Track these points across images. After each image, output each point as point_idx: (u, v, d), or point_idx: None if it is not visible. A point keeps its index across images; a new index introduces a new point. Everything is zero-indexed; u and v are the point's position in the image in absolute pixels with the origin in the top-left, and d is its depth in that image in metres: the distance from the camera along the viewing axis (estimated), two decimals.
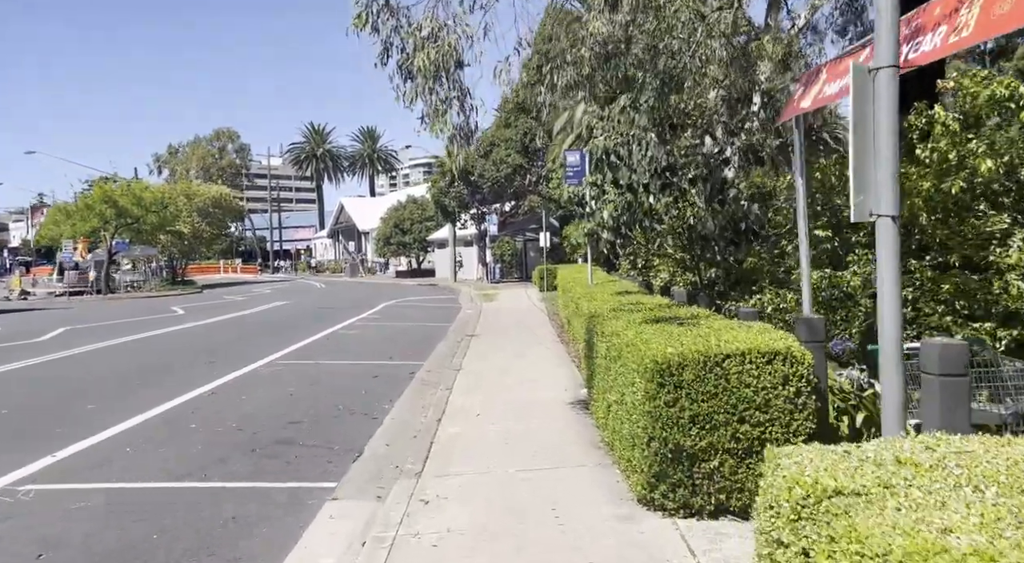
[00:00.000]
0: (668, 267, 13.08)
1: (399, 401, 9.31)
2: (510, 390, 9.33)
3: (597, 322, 7.04)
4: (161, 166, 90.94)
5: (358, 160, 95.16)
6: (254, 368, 11.97)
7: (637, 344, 4.99)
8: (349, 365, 12.36)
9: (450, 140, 6.51)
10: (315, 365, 12.37)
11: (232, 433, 7.71)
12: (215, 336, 17.13)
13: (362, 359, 12.99)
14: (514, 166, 36.80)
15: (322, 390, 10.11)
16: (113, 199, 41.10)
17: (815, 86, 4.43)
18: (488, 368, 11.18)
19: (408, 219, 52.76)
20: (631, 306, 8.02)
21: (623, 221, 10.28)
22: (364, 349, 14.35)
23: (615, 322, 6.38)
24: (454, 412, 8.20)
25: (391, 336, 16.42)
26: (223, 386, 10.44)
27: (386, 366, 12.17)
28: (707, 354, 4.46)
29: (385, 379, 10.96)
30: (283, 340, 15.60)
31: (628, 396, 5.03)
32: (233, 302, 29.89)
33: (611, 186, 10.05)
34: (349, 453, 6.93)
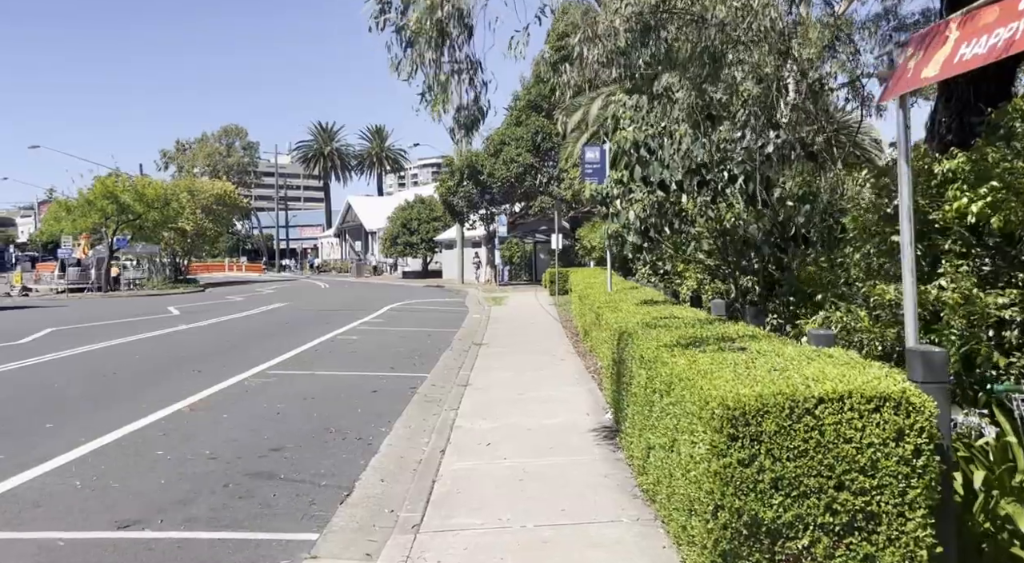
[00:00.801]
0: (695, 274, 12.00)
1: (398, 423, 8.26)
2: (523, 412, 8.27)
3: (630, 341, 5.98)
4: (168, 163, 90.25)
5: (366, 159, 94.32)
6: (243, 379, 10.95)
7: (694, 378, 3.93)
8: (346, 376, 11.33)
9: (455, 122, 5.46)
10: (310, 376, 11.34)
11: (203, 462, 6.67)
12: (207, 341, 16.14)
13: (361, 369, 11.96)
14: (525, 165, 35.77)
15: (314, 407, 9.08)
16: (114, 194, 40.29)
17: (940, 49, 3.37)
18: (498, 384, 10.13)
19: (415, 219, 51.79)
20: (665, 320, 6.96)
21: (651, 223, 9.23)
22: (364, 358, 13.32)
23: (652, 342, 5.32)
24: (460, 440, 7.15)
25: (393, 343, 15.40)
26: (205, 401, 9.41)
27: (386, 379, 11.14)
28: (793, 397, 3.39)
29: (385, 394, 9.92)
30: (279, 346, 14.59)
31: (683, 445, 3.97)
32: (233, 303, 28.95)
33: (639, 184, 9.00)
34: (337, 491, 5.89)
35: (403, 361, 12.92)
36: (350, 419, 8.45)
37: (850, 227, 6.49)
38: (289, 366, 12.28)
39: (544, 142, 36.36)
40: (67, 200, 41.86)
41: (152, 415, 8.48)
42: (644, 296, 11.07)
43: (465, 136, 5.64)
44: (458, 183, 36.48)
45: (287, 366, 12.28)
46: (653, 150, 8.59)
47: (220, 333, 17.64)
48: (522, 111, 38.29)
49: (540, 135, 36.32)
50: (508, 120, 39.67)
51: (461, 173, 36.11)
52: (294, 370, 11.87)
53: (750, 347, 4.73)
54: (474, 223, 39.20)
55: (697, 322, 6.75)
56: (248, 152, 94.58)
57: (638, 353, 5.37)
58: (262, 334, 17.26)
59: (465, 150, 37.81)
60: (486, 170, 35.87)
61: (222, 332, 17.88)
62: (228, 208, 48.70)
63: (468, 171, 36.07)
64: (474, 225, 39.39)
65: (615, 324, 7.60)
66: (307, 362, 12.75)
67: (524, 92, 38.93)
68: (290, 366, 12.28)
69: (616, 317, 8.09)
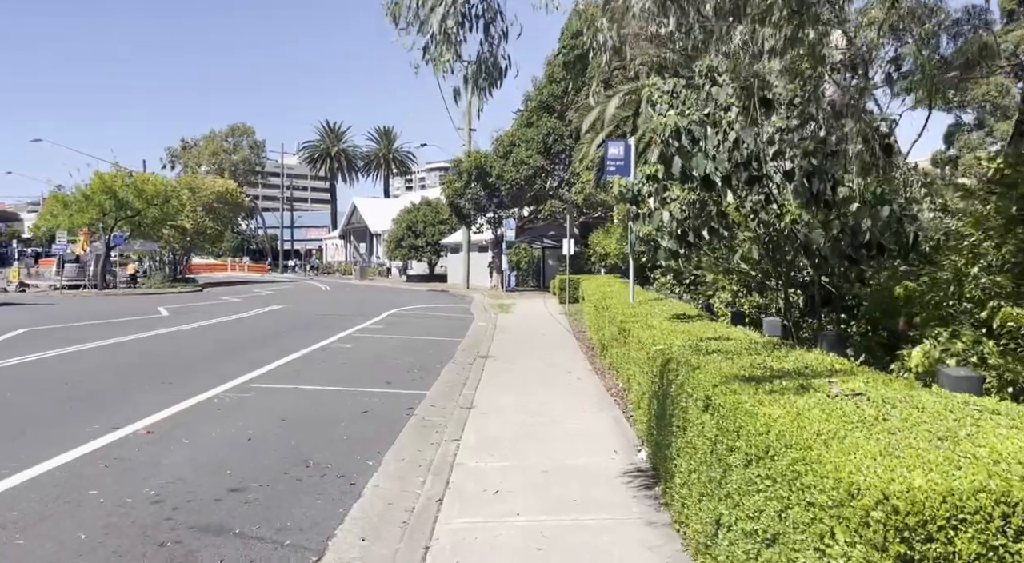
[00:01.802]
0: (730, 286, 10.70)
1: (389, 455, 6.97)
2: (538, 446, 6.97)
3: (680, 371, 4.68)
4: (174, 161, 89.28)
5: (373, 160, 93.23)
6: (217, 394, 9.68)
7: (813, 446, 2.63)
8: (335, 392, 10.04)
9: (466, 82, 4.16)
10: (294, 392, 10.06)
11: (143, 508, 5.38)
12: (189, 346, 14.88)
13: (353, 384, 10.67)
14: (535, 168, 34.51)
15: (293, 432, 7.79)
16: (113, 190, 39.18)
17: None
18: (506, 407, 8.82)
19: (421, 221, 50.57)
20: (715, 343, 5.67)
21: (689, 225, 7.93)
22: (358, 370, 12.03)
23: (714, 375, 4.04)
24: (462, 484, 5.85)
25: (391, 353, 14.11)
26: (167, 421, 8.13)
27: (380, 396, 9.85)
28: (1007, 498, 2.10)
29: (376, 416, 8.63)
30: (267, 354, 13.32)
31: (798, 546, 2.65)
32: (229, 304, 27.71)
33: (677, 179, 7.70)
34: (303, 556, 4.60)
35: (400, 375, 11.63)
36: (333, 449, 7.15)
37: (964, 232, 5.17)
38: (273, 378, 11.00)
39: (556, 144, 35.11)
40: (64, 195, 40.68)
41: (99, 440, 7.20)
42: (673, 309, 9.77)
43: (478, 97, 4.32)
44: (465, 185, 35.21)
45: (271, 378, 11.00)
46: (697, 139, 7.29)
47: (206, 338, 16.38)
48: (533, 112, 37.04)
49: (552, 136, 35.07)
50: (519, 121, 38.41)
51: (469, 174, 34.85)
52: (278, 383, 10.58)
53: (863, 391, 3.43)
54: (481, 227, 37.89)
55: (757, 347, 5.46)
56: (255, 151, 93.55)
57: (699, 391, 4.06)
58: (251, 339, 16.00)
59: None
60: (495, 172, 34.62)
61: (208, 336, 16.62)
62: (230, 206, 47.47)
63: (476, 172, 34.82)
64: (481, 228, 38.09)
65: (651, 344, 6.30)
66: (294, 374, 11.47)
67: (536, 92, 37.69)
68: (274, 378, 11.00)
69: (650, 336, 6.79)
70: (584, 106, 25.36)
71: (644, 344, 6.66)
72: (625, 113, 22.74)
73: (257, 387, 10.26)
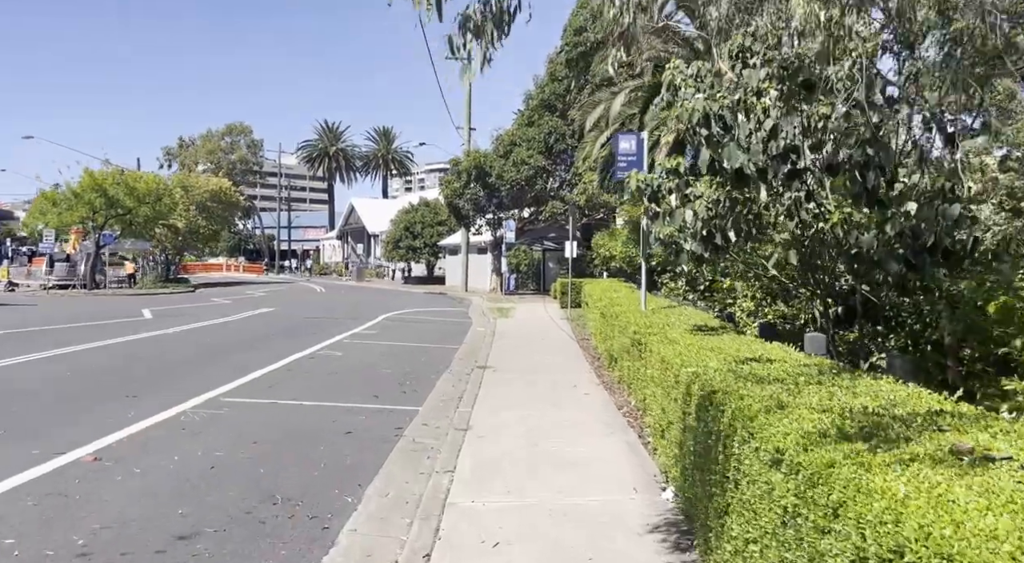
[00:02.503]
0: (753, 293, 9.77)
1: (372, 488, 6.02)
2: (544, 480, 6.01)
3: (727, 407, 3.73)
4: (171, 160, 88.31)
5: (372, 161, 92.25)
6: (185, 409, 8.72)
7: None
8: (318, 409, 9.09)
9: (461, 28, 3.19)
10: (270, 407, 9.10)
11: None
12: (166, 353, 13.92)
13: (338, 398, 9.72)
14: (536, 168, 33.57)
15: (264, 457, 6.84)
16: (103, 188, 38.22)
17: None
18: (507, 427, 7.87)
19: (419, 222, 49.63)
20: (758, 367, 4.75)
21: (717, 225, 7.00)
22: (345, 382, 11.08)
23: (787, 423, 3.11)
24: (454, 531, 4.89)
25: (383, 362, 13.16)
26: (122, 444, 7.18)
27: (367, 413, 8.90)
28: None
29: (361, 438, 7.68)
30: (247, 362, 12.37)
31: None
32: (218, 306, 26.75)
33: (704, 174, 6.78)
34: None
35: (391, 387, 10.68)
36: (307, 480, 6.20)
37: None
38: (250, 391, 10.04)
39: (557, 143, 34.18)
40: (53, 193, 39.72)
41: (36, 468, 6.24)
42: (691, 319, 8.84)
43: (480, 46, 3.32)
44: (464, 185, 34.26)
45: (248, 391, 10.04)
46: (729, 126, 6.36)
47: (186, 343, 15.42)
48: (534, 111, 36.13)
49: (553, 136, 34.14)
50: (519, 120, 37.49)
51: (468, 174, 33.91)
52: (255, 397, 9.62)
53: (1007, 452, 2.48)
54: (480, 228, 36.92)
55: (810, 371, 4.53)
56: (252, 150, 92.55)
57: (765, 441, 3.10)
58: (234, 345, 15.04)
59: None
60: (494, 172, 33.67)
61: (189, 342, 15.65)
62: (224, 206, 46.48)
63: (475, 172, 33.87)
64: (480, 230, 37.11)
65: (678, 365, 5.36)
66: (274, 385, 10.51)
67: (538, 91, 36.79)
68: (252, 391, 10.04)
69: (674, 353, 5.85)
70: (588, 103, 24.45)
71: (669, 363, 5.72)
72: (631, 110, 21.82)
73: (232, 402, 9.30)
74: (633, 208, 17.94)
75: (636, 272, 20.35)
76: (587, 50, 31.84)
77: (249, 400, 9.43)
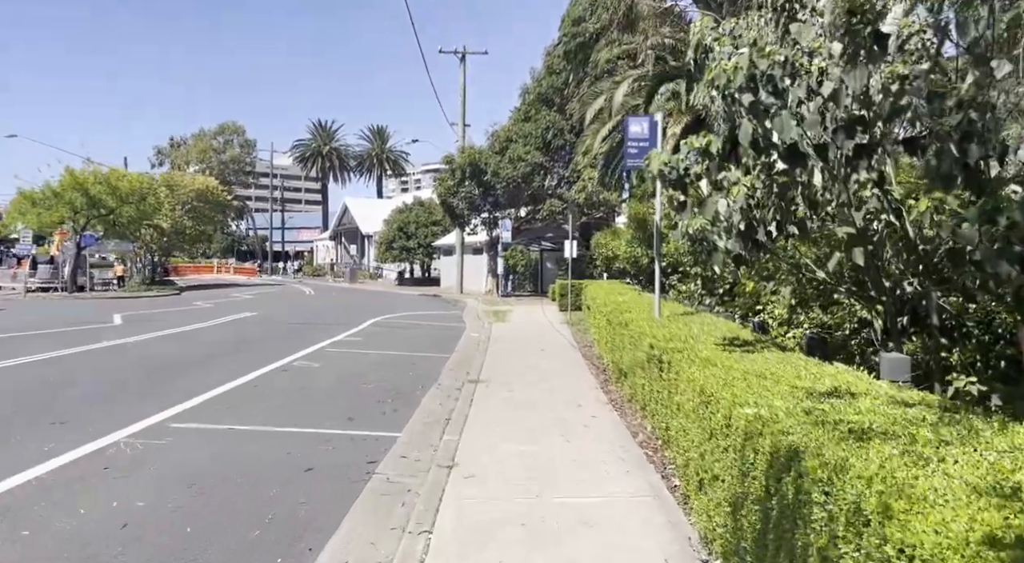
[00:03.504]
0: (786, 299, 8.44)
1: (326, 555, 4.68)
2: (548, 551, 4.67)
3: (846, 507, 2.40)
4: (163, 159, 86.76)
5: (366, 160, 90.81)
6: (120, 439, 7.37)
7: None
8: (279, 436, 7.74)
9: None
10: (224, 435, 7.75)
11: None
12: (122, 365, 12.53)
13: (306, 421, 8.38)
14: (533, 164, 32.20)
15: (197, 507, 5.49)
16: (84, 187, 36.80)
17: None
18: (501, 465, 6.52)
19: (413, 222, 48.26)
20: (842, 407, 3.45)
21: (759, 217, 5.68)
22: (318, 400, 9.73)
23: (949, 538, 1.77)
24: None
25: (364, 374, 11.81)
26: (16, 492, 5.81)
27: (337, 441, 7.55)
28: None
29: (323, 476, 6.34)
30: (212, 376, 11.03)
31: None
32: (198, 310, 25.36)
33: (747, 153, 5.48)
34: None
35: (369, 406, 9.33)
36: (244, 541, 4.85)
37: None
38: (205, 414, 8.69)
39: (555, 139, 32.83)
40: (32, 192, 38.23)
41: None
42: (718, 330, 7.51)
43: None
44: (459, 183, 32.89)
45: (202, 414, 8.68)
46: (781, 90, 5.03)
47: (148, 354, 14.03)
48: (531, 105, 34.81)
49: (551, 131, 32.80)
50: (516, 116, 36.17)
51: (462, 171, 32.54)
52: (209, 421, 8.27)
53: None
54: (475, 228, 35.54)
55: (918, 414, 3.22)
56: (245, 150, 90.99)
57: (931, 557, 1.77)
58: (202, 356, 13.67)
59: (467, 146, 34.36)
60: (490, 169, 32.32)
61: (152, 352, 14.26)
62: (211, 205, 45.00)
63: (470, 170, 32.51)
64: (475, 230, 35.74)
65: (727, 400, 4.03)
66: (235, 406, 9.16)
67: (535, 84, 35.49)
68: (206, 414, 8.69)
69: (715, 381, 4.53)
70: (588, 94, 23.13)
71: (711, 396, 4.38)
72: (635, 101, 20.51)
73: (180, 429, 7.95)
74: (638, 204, 16.61)
75: (640, 273, 19.04)
76: (586, 41, 30.50)
77: (201, 426, 8.07)
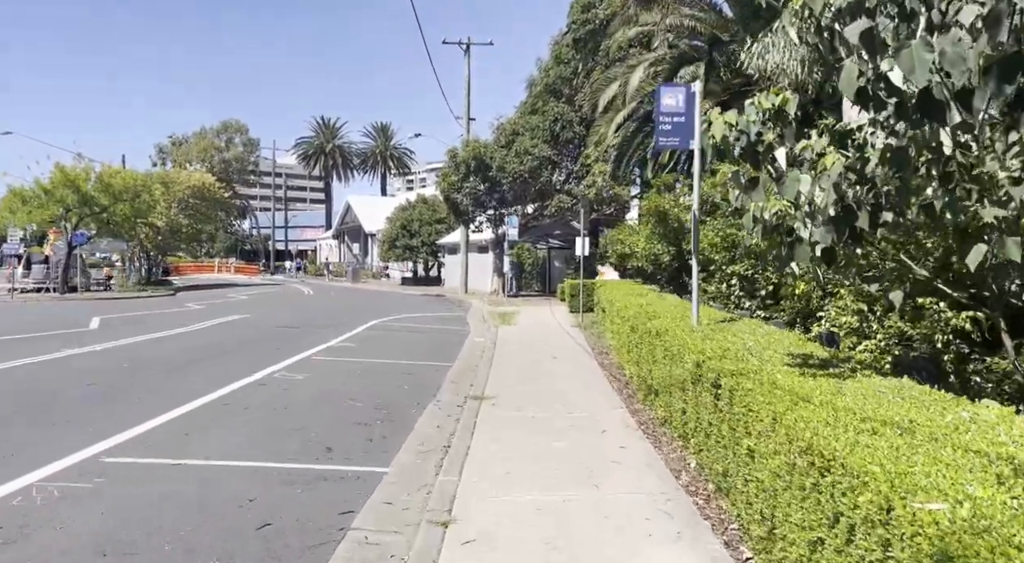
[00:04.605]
0: (855, 304, 6.93)
1: None
2: None
3: None
4: (164, 158, 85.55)
5: (370, 158, 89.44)
6: (36, 481, 5.92)
7: None
8: (236, 473, 6.28)
9: None
10: (169, 473, 6.30)
11: None
12: (73, 381, 11.05)
13: (272, 454, 6.92)
14: (540, 158, 30.64)
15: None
16: (76, 184, 35.53)
17: None
18: (512, 523, 5.04)
19: (417, 220, 46.83)
20: None
21: (861, 197, 4.18)
22: (292, 424, 8.26)
23: None
24: None
25: (354, 389, 10.36)
26: None
27: (306, 481, 6.09)
28: None
29: (281, 539, 4.88)
30: (176, 392, 9.61)
31: None
32: (187, 312, 23.98)
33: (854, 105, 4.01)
34: None
35: (354, 431, 7.88)
36: None
37: None
38: (154, 444, 7.24)
39: (564, 131, 31.28)
40: (23, 189, 36.97)
41: None
42: (778, 342, 6.04)
43: None
44: (463, 178, 31.37)
45: (150, 444, 7.24)
46: (909, 14, 3.52)
47: (107, 366, 12.54)
48: (538, 97, 33.30)
49: (560, 123, 31.25)
50: (522, 109, 34.67)
51: (467, 166, 31.04)
52: (155, 455, 6.82)
53: None
54: (480, 225, 34.04)
55: None
56: (248, 149, 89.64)
57: None
58: (173, 366, 12.24)
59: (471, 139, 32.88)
60: (495, 163, 30.80)
61: (112, 365, 12.74)
62: (208, 203, 43.61)
63: (475, 164, 30.99)
64: (480, 227, 34.24)
65: (881, 483, 2.55)
66: (193, 432, 7.71)
67: (542, 75, 33.97)
68: (156, 444, 7.24)
69: (824, 432, 3.05)
70: (601, 80, 21.61)
71: (829, 459, 2.89)
72: (652, 86, 18.98)
73: (118, 464, 6.51)
74: (658, 197, 15.10)
75: (660, 272, 17.54)
76: (596, 28, 29.00)
77: (144, 461, 6.63)
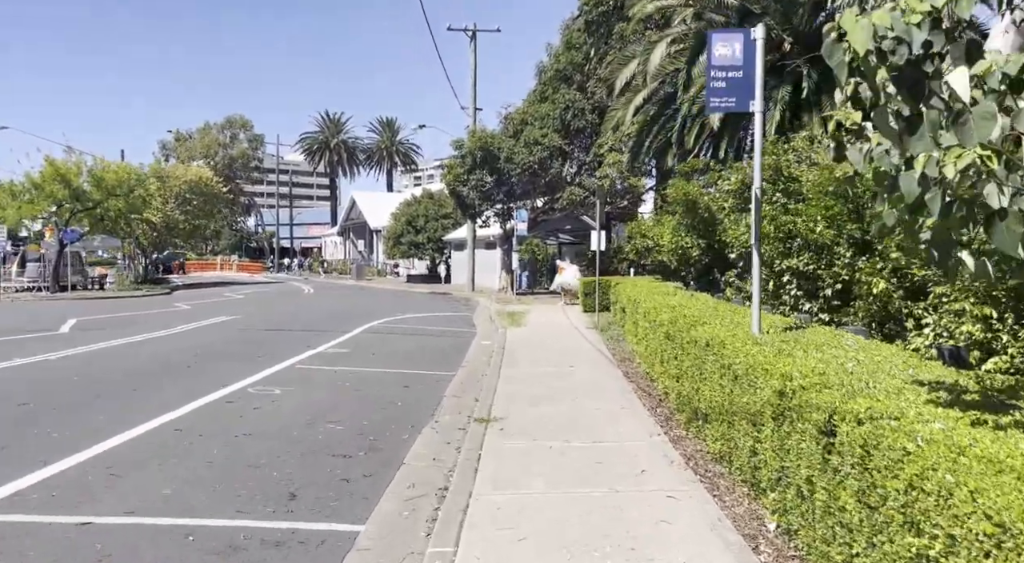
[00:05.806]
0: (978, 309, 5.26)
1: None
2: None
3: None
4: (168, 154, 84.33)
5: (376, 153, 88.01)
6: None
7: None
8: (164, 538, 4.68)
9: None
10: (71, 539, 4.71)
11: None
12: (13, 399, 9.55)
13: (217, 507, 5.32)
14: (551, 148, 28.93)
15: None
16: (67, 178, 34.15)
17: None
18: None
19: (422, 215, 45.26)
20: None
21: None
22: (252, 457, 6.65)
23: None
24: None
25: (337, 407, 8.77)
26: None
27: (247, 546, 4.49)
28: None
29: None
30: (126, 413, 8.05)
31: None
32: (173, 313, 22.47)
33: None
34: None
35: (329, 468, 6.27)
36: None
37: None
38: (65, 489, 5.65)
39: (575, 119, 29.55)
40: (12, 184, 35.67)
41: None
42: (884, 360, 4.36)
43: None
44: (469, 170, 29.71)
45: (57, 491, 5.64)
46: None
47: (54, 380, 10.97)
48: (548, 84, 31.58)
49: (571, 111, 29.53)
50: (531, 97, 32.96)
51: (473, 157, 29.38)
52: (58, 511, 5.22)
53: None
54: (488, 220, 32.38)
55: None
56: (253, 145, 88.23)
57: None
58: (135, 378, 10.67)
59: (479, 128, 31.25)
60: (503, 154, 29.12)
61: (60, 377, 11.16)
62: (205, 198, 42.14)
63: (481, 155, 29.32)
64: (488, 222, 32.58)
65: None
66: (124, 471, 6.12)
67: (552, 61, 32.26)
68: (68, 489, 5.65)
69: None
70: (618, 60, 19.92)
71: None
72: (673, 65, 17.30)
73: (8, 524, 4.93)
74: (686, 183, 13.43)
75: (686, 267, 15.90)
76: (609, 9, 27.28)
77: (41, 519, 5.04)
